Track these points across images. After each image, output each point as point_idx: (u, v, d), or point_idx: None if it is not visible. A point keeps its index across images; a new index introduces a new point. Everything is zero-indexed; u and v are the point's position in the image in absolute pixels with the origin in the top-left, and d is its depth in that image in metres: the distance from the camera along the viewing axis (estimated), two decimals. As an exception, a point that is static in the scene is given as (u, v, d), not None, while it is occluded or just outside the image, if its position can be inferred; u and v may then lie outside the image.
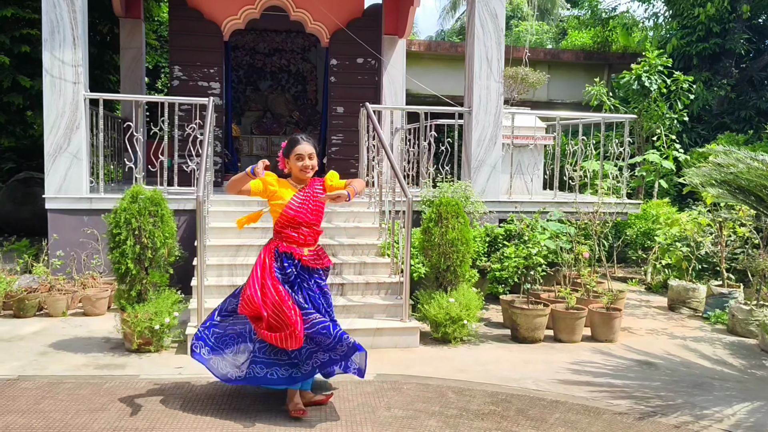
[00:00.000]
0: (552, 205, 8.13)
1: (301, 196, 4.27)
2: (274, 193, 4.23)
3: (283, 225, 4.24)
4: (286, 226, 4.24)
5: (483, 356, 5.69)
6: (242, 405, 4.41)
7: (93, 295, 6.67)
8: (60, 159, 7.18)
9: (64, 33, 7.10)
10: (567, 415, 4.40)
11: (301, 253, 4.25)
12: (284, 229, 4.25)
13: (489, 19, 8.05)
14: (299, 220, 4.22)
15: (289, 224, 4.22)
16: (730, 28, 13.67)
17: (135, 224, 5.39)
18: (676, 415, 4.45)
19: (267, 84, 13.09)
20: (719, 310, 7.16)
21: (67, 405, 4.34)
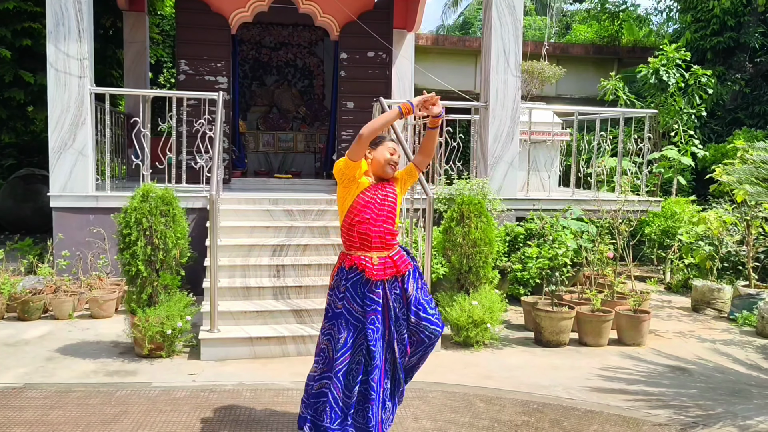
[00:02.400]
0: (572, 202, 7.89)
1: (372, 192, 3.57)
2: (359, 176, 3.54)
3: (350, 223, 3.54)
4: (353, 225, 3.53)
5: (508, 361, 5.47)
6: (261, 416, 4.18)
7: (100, 297, 6.43)
8: (65, 156, 6.94)
9: (69, 25, 6.84)
10: (605, 426, 4.17)
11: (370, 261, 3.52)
12: (351, 231, 3.55)
13: (507, 11, 7.80)
14: (366, 217, 3.52)
15: (355, 222, 3.52)
16: (745, 21, 13.39)
17: (146, 224, 5.15)
18: (718, 426, 4.23)
19: (273, 79, 12.82)
20: (746, 311, 6.93)
21: (77, 416, 4.11)
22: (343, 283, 3.54)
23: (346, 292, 3.52)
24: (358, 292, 3.51)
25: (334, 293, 3.59)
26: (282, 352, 5.43)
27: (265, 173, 11.46)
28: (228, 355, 5.32)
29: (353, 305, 3.50)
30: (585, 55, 16.23)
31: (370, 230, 3.51)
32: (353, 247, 3.55)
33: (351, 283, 3.52)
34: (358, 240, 3.53)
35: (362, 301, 3.50)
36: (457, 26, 30.76)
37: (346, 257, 3.59)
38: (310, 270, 6.30)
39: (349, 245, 3.58)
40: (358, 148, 3.43)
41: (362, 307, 3.50)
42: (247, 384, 4.76)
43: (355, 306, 3.50)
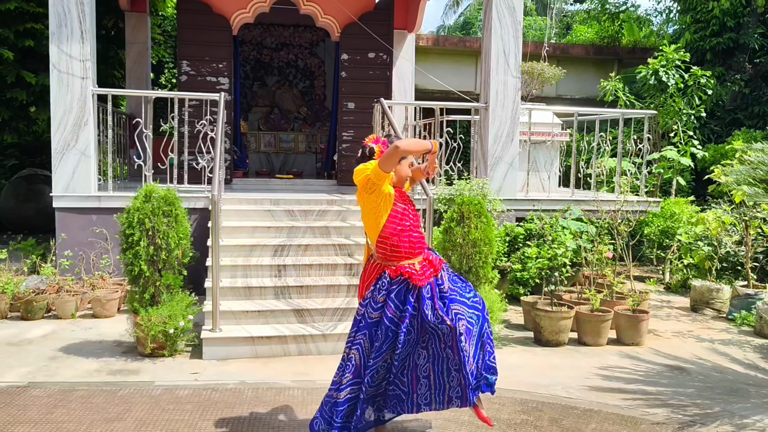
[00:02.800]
0: (571, 203, 7.93)
1: (402, 200, 3.68)
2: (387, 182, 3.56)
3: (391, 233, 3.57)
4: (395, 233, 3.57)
5: (507, 360, 5.50)
6: (263, 415, 4.23)
7: (103, 297, 6.47)
8: (68, 156, 6.98)
9: (72, 26, 6.89)
10: (603, 425, 4.21)
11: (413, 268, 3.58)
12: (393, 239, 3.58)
13: (507, 12, 7.84)
14: (406, 224, 3.61)
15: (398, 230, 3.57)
16: (745, 22, 13.44)
17: (148, 224, 5.20)
18: (715, 425, 4.27)
19: (274, 79, 12.86)
20: (745, 311, 6.97)
21: (81, 415, 4.15)
22: (384, 294, 3.53)
23: (388, 301, 3.51)
24: (401, 299, 3.53)
25: (369, 304, 3.57)
26: (283, 351, 5.47)
27: (267, 173, 11.50)
28: (230, 354, 5.36)
29: (395, 312, 3.50)
30: (585, 56, 16.27)
31: (412, 237, 3.58)
32: (397, 257, 3.56)
33: (395, 293, 3.53)
34: (403, 249, 3.56)
35: (403, 307, 3.51)
36: (457, 26, 30.81)
37: (386, 267, 3.59)
38: (311, 270, 6.34)
39: (391, 256, 3.57)
40: (392, 161, 3.44)
41: (402, 312, 3.51)
42: (249, 383, 4.80)
43: (396, 312, 3.51)
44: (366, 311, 3.60)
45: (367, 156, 3.67)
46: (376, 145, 3.67)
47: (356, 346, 3.58)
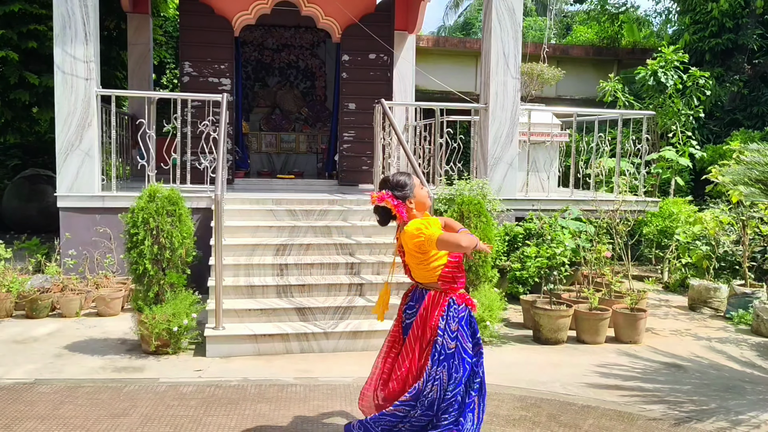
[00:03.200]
0: (570, 203, 8.00)
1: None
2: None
3: (455, 267, 3.47)
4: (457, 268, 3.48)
5: (507, 358, 5.58)
6: (266, 410, 4.30)
7: (107, 296, 6.55)
8: (72, 157, 7.06)
9: (76, 28, 6.96)
10: (600, 421, 4.28)
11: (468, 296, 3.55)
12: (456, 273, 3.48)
13: (506, 14, 7.91)
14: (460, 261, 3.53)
15: (458, 265, 3.48)
16: (743, 23, 13.51)
17: (153, 224, 5.27)
18: (711, 421, 4.34)
19: (275, 80, 12.94)
20: (742, 310, 7.04)
21: (88, 410, 4.23)
22: (456, 322, 3.42)
23: (459, 330, 3.42)
24: (470, 328, 3.50)
25: (446, 333, 3.40)
26: (285, 349, 5.55)
27: (268, 174, 11.57)
28: (233, 352, 5.43)
29: (466, 342, 3.45)
30: (585, 57, 16.34)
31: (461, 268, 3.51)
32: (457, 286, 3.48)
33: (464, 321, 3.46)
34: (463, 278, 3.51)
35: (473, 338, 3.50)
36: (457, 27, 30.90)
37: (452, 295, 3.46)
38: (312, 269, 6.42)
39: (452, 285, 3.46)
40: (451, 247, 3.28)
41: (473, 343, 3.50)
42: (252, 380, 4.87)
43: (468, 343, 3.46)
44: (444, 341, 3.41)
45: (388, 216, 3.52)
46: (386, 203, 3.46)
47: (437, 382, 3.38)
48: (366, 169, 9.72)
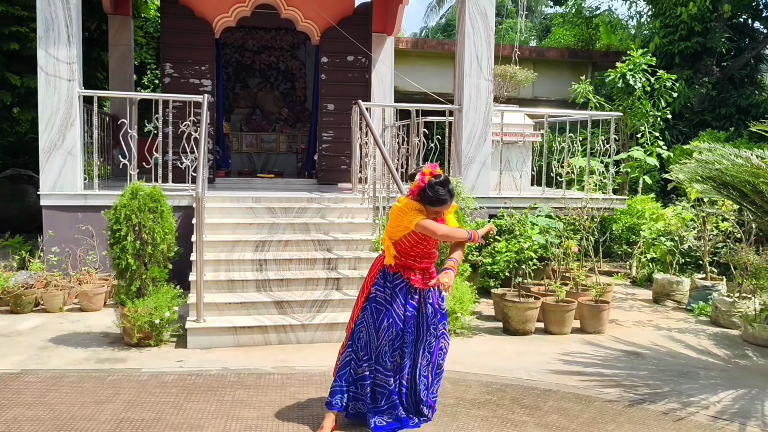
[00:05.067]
0: (541, 201, 8.30)
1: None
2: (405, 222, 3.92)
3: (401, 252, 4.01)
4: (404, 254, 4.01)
5: (476, 348, 5.84)
6: (244, 396, 4.52)
7: (89, 291, 6.72)
8: (55, 156, 7.22)
9: (59, 30, 7.13)
10: (560, 403, 4.56)
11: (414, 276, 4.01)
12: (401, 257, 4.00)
13: (479, 18, 8.19)
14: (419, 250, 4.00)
15: (407, 252, 3.99)
16: (712, 27, 13.93)
17: (135, 220, 5.47)
18: (663, 402, 4.63)
19: (256, 81, 13.12)
20: (702, 302, 7.37)
21: (73, 397, 4.42)
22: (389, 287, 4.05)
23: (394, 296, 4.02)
24: (404, 296, 4.00)
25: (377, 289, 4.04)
26: (264, 340, 5.77)
27: (249, 173, 11.76)
28: (213, 343, 5.64)
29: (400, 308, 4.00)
30: (560, 59, 16.70)
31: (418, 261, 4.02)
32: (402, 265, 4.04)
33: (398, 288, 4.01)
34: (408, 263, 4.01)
35: (406, 305, 3.99)
36: (439, 28, 31.24)
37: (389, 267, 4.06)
38: (291, 264, 6.64)
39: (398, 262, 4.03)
40: (427, 234, 3.84)
41: (405, 310, 3.99)
42: (232, 369, 5.09)
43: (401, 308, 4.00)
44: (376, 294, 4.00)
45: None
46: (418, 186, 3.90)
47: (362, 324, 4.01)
48: (344, 169, 9.95)
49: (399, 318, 3.93)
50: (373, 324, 3.95)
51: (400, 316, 3.94)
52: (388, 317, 3.92)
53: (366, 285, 4.07)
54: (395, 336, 3.92)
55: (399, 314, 3.94)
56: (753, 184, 5.01)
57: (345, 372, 4.00)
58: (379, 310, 3.95)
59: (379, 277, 4.00)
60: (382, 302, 3.96)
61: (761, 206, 5.18)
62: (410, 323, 3.96)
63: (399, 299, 3.94)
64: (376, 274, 4.03)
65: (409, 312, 3.96)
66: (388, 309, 3.93)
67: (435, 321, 4.04)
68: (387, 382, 3.92)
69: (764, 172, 4.80)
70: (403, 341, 3.94)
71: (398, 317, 3.93)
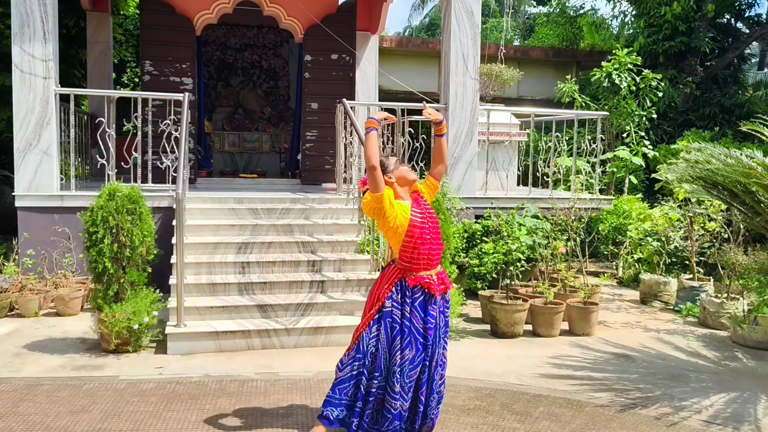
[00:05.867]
0: (528, 201, 8.21)
1: (419, 207, 3.76)
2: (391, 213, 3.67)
3: (407, 245, 3.68)
4: (411, 247, 3.67)
5: (464, 352, 5.74)
6: (226, 404, 4.37)
7: (66, 295, 6.53)
8: (30, 156, 7.00)
9: (34, 27, 6.92)
10: (550, 408, 4.46)
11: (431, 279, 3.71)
12: (408, 252, 3.69)
13: (465, 16, 8.09)
14: (425, 237, 3.69)
15: (414, 244, 3.66)
16: (696, 26, 13.94)
17: (112, 222, 5.29)
18: (655, 407, 4.55)
19: (238, 80, 12.93)
20: (690, 303, 7.33)
21: (47, 407, 4.25)
22: (408, 302, 3.66)
23: (413, 311, 3.65)
24: (423, 309, 3.67)
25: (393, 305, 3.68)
26: (247, 345, 5.62)
27: (231, 173, 11.59)
28: (194, 349, 5.48)
29: (420, 323, 3.67)
30: (545, 58, 16.66)
31: (432, 251, 3.70)
32: (417, 268, 3.68)
33: (418, 302, 3.66)
34: (423, 261, 3.68)
35: (425, 318, 3.67)
36: (423, 27, 31.17)
37: (406, 276, 3.69)
38: (274, 267, 6.49)
39: (409, 266, 3.69)
40: (376, 179, 3.59)
41: (426, 324, 3.67)
42: (213, 375, 4.94)
43: (421, 323, 3.67)
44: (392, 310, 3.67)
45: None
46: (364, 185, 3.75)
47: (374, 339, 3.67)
48: (328, 169, 9.80)
49: (419, 333, 3.64)
50: (387, 340, 3.63)
51: (420, 332, 3.65)
52: (403, 336, 3.62)
53: (378, 295, 3.71)
54: (415, 353, 3.63)
55: (419, 329, 3.64)
56: (744, 185, 4.95)
57: (349, 386, 3.70)
58: (394, 328, 3.63)
59: (396, 290, 3.67)
60: (398, 319, 3.64)
61: (752, 207, 5.12)
62: (431, 335, 3.66)
63: (418, 313, 3.65)
64: (391, 286, 3.69)
65: (430, 324, 3.67)
66: (406, 327, 3.62)
67: (445, 331, 3.79)
68: (393, 405, 3.61)
69: (756, 173, 4.74)
70: (425, 355, 3.66)
71: (418, 333, 3.64)
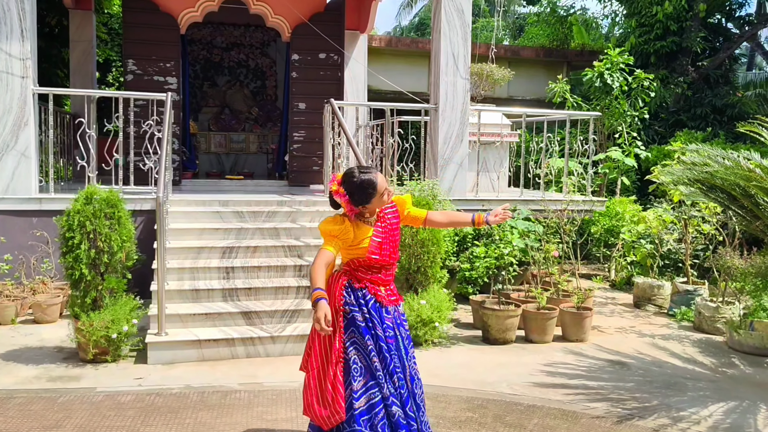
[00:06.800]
0: (519, 203, 8.06)
1: (381, 235, 3.43)
2: (355, 238, 3.38)
3: (359, 266, 3.44)
4: (364, 268, 3.44)
5: (455, 359, 5.57)
6: (207, 418, 4.18)
7: (44, 302, 6.31)
8: (7, 157, 6.78)
9: (12, 24, 6.69)
10: (545, 420, 4.30)
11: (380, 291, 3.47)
12: (360, 271, 3.46)
13: (455, 14, 7.93)
14: (379, 261, 3.43)
15: (369, 265, 3.42)
16: (687, 26, 13.87)
17: (90, 227, 5.08)
18: (653, 418, 4.40)
19: (225, 79, 12.71)
20: (685, 307, 7.20)
21: (19, 423, 4.04)
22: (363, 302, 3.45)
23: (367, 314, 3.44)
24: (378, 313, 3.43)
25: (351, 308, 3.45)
26: (231, 354, 5.43)
27: (217, 174, 11.38)
28: (176, 358, 5.28)
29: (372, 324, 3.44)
30: (535, 58, 16.55)
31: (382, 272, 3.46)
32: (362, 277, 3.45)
33: (371, 305, 3.43)
34: (369, 276, 3.45)
35: (382, 325, 3.43)
36: (412, 27, 31.02)
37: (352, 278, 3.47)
38: (260, 272, 6.30)
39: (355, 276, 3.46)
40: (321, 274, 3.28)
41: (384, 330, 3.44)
42: (195, 387, 4.75)
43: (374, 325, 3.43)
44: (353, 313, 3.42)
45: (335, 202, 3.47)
46: (336, 196, 3.40)
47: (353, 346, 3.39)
48: (316, 170, 9.62)
49: (381, 339, 3.38)
50: (363, 345, 3.36)
51: (381, 337, 3.39)
52: (372, 338, 3.37)
53: (336, 306, 3.38)
54: (383, 359, 3.35)
55: (380, 335, 3.38)
56: (743, 188, 4.82)
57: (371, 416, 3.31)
58: (363, 331, 3.37)
59: (347, 294, 3.40)
60: (361, 322, 3.38)
61: (750, 210, 4.99)
62: (392, 344, 3.40)
63: (375, 318, 3.40)
64: (342, 292, 3.41)
65: (388, 333, 3.41)
66: (370, 329, 3.38)
67: (410, 344, 3.52)
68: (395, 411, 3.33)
69: (756, 176, 4.60)
70: (395, 365, 3.37)
71: (382, 341, 3.38)
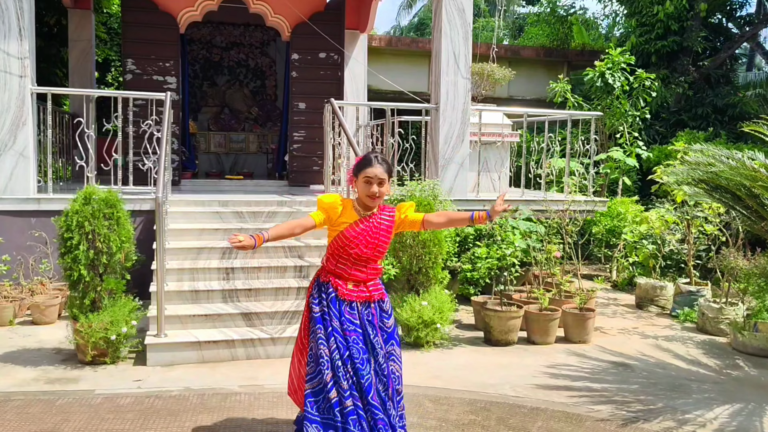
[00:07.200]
0: (521, 203, 8.01)
1: (362, 226, 3.49)
2: (339, 218, 3.50)
3: (332, 253, 3.53)
4: (336, 256, 3.52)
5: (457, 361, 5.53)
6: (208, 421, 4.13)
7: (42, 303, 6.26)
8: (5, 157, 6.72)
9: (10, 23, 6.64)
10: (549, 423, 4.25)
11: (344, 286, 3.51)
12: (332, 260, 3.54)
13: (456, 14, 7.87)
14: (351, 252, 3.48)
15: (339, 254, 3.50)
16: (688, 26, 13.83)
17: (88, 228, 5.03)
18: (658, 421, 4.35)
19: (224, 79, 12.66)
20: (688, 308, 7.15)
21: (16, 426, 3.99)
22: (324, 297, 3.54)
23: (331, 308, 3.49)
24: (337, 308, 3.47)
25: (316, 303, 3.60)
26: (231, 355, 5.38)
27: (217, 174, 11.32)
28: (175, 360, 5.23)
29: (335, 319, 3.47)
30: (536, 58, 16.50)
31: (353, 265, 3.51)
32: (331, 272, 3.54)
33: (330, 298, 3.49)
34: (339, 271, 3.53)
35: (340, 318, 3.47)
36: (412, 26, 30.97)
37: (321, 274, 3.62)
38: (260, 273, 6.25)
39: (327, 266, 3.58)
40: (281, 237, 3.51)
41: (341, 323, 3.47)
42: (194, 389, 4.69)
43: (337, 321, 3.46)
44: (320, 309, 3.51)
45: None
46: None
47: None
48: (316, 170, 9.57)
49: (338, 333, 3.41)
50: (315, 334, 3.47)
51: (338, 330, 3.41)
52: (323, 328, 3.44)
53: (307, 301, 3.63)
54: (342, 354, 3.38)
55: (337, 328, 3.41)
56: (748, 188, 4.77)
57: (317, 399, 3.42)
58: (317, 320, 3.47)
59: (314, 290, 3.56)
60: (317, 313, 3.48)
61: (755, 210, 4.94)
62: (353, 339, 3.40)
63: (333, 310, 3.44)
64: (312, 286, 3.62)
65: (348, 326, 3.42)
66: (325, 320, 3.45)
67: (379, 341, 3.47)
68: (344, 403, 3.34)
69: (761, 176, 4.55)
70: (352, 360, 3.37)
71: (338, 332, 3.41)
